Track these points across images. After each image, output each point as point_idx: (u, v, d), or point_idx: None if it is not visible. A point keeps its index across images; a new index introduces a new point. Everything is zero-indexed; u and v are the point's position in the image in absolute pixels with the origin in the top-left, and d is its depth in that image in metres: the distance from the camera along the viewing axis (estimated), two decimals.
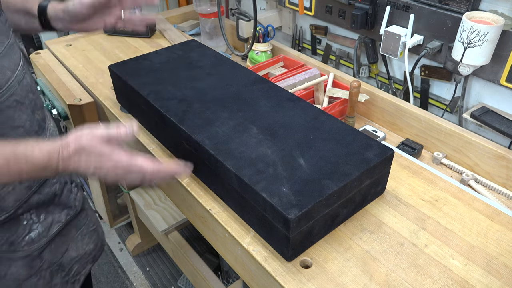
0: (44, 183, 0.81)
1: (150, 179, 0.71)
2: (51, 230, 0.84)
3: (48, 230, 0.84)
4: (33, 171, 0.63)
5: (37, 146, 0.63)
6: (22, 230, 0.79)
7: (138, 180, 0.71)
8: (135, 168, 0.68)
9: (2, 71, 0.69)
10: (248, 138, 0.81)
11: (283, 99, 0.93)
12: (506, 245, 0.75)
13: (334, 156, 0.76)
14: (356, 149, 0.78)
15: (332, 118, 0.86)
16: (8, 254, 0.78)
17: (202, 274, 1.43)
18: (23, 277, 0.81)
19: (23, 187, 0.76)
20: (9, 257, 0.78)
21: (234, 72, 1.04)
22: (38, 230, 0.82)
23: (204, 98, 0.93)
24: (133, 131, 0.71)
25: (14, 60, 0.73)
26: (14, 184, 0.75)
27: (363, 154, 0.77)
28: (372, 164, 0.75)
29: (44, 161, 0.63)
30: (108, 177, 0.68)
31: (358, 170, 0.73)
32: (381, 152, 0.77)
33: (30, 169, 0.63)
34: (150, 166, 0.69)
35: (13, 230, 0.78)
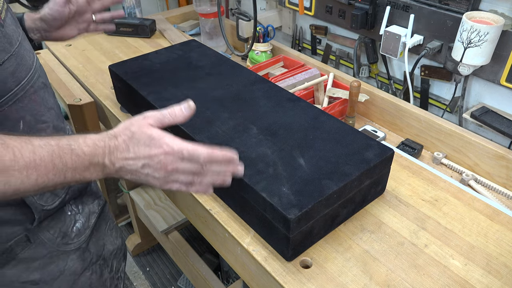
0: None
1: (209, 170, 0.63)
2: (90, 221, 0.86)
3: (88, 221, 0.86)
4: (78, 166, 0.57)
5: (82, 138, 0.59)
6: (69, 220, 0.82)
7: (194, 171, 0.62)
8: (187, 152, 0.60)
9: (27, 53, 0.71)
10: (248, 138, 0.81)
11: (283, 99, 0.93)
12: (506, 245, 0.75)
13: (334, 156, 0.76)
14: (356, 149, 0.78)
15: (332, 118, 0.86)
16: (63, 247, 0.80)
17: (202, 274, 1.43)
18: (79, 271, 0.83)
19: None
20: (64, 250, 0.80)
21: (234, 72, 1.04)
22: (82, 221, 0.84)
23: (204, 98, 0.93)
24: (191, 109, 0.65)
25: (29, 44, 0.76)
26: None
27: (363, 154, 0.77)
28: (372, 164, 0.75)
29: (90, 153, 0.58)
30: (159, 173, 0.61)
31: (358, 170, 0.73)
32: (381, 152, 0.77)
33: (76, 163, 0.57)
34: (205, 150, 0.61)
35: (63, 220, 0.80)
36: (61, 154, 0.56)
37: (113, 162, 0.59)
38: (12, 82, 0.67)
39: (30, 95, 0.71)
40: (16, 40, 0.69)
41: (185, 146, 0.60)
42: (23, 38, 0.73)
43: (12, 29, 0.69)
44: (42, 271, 0.78)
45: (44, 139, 0.57)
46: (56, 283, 0.80)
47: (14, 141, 0.54)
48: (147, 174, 0.61)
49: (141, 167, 0.60)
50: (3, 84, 0.65)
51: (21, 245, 0.74)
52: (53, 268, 0.79)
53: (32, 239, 0.76)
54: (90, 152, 0.58)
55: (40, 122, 0.74)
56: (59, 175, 0.56)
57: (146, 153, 0.60)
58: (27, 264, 0.76)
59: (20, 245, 0.74)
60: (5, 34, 0.67)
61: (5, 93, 0.66)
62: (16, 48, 0.69)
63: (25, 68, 0.71)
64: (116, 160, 0.60)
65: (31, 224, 0.74)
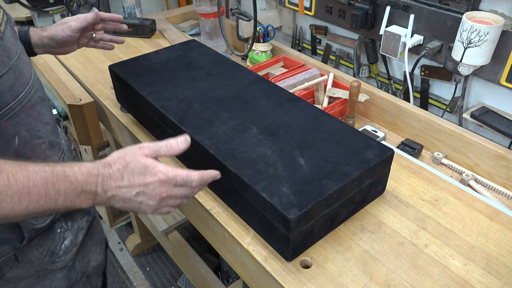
0: None
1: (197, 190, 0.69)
2: (78, 237, 0.85)
3: (76, 237, 0.85)
4: (71, 193, 0.58)
5: (77, 165, 0.60)
6: (58, 238, 0.81)
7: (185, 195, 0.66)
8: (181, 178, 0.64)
9: (25, 66, 0.71)
10: (248, 138, 0.81)
11: (283, 99, 0.93)
12: (506, 245, 0.75)
13: (334, 156, 0.76)
14: (356, 149, 0.78)
15: (332, 118, 0.86)
16: (50, 265, 0.79)
17: (202, 274, 1.43)
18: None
19: None
20: (51, 269, 0.79)
21: (234, 72, 1.04)
22: (70, 238, 0.83)
23: (204, 98, 0.93)
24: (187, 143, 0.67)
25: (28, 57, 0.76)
26: None
27: (363, 154, 0.77)
28: (372, 164, 0.75)
29: (84, 181, 0.59)
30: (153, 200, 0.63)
31: (358, 170, 0.73)
32: (381, 152, 0.77)
33: (68, 190, 0.58)
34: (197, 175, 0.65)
35: (52, 238, 0.79)
36: (55, 180, 0.57)
37: (105, 190, 0.61)
38: (9, 96, 0.66)
39: (27, 109, 0.70)
40: (15, 54, 0.68)
41: (179, 173, 0.64)
42: (22, 51, 0.72)
43: (11, 41, 0.69)
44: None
45: (39, 164, 0.57)
46: None
47: (9, 166, 0.54)
48: (140, 202, 0.63)
49: (135, 195, 0.62)
50: (0, 99, 0.64)
51: (9, 264, 0.73)
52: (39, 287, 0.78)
53: (20, 259, 0.74)
54: (83, 179, 0.59)
55: (36, 138, 0.73)
56: (50, 202, 0.57)
57: (141, 181, 0.62)
58: (14, 284, 0.75)
59: (8, 265, 0.73)
60: (4, 47, 0.65)
61: (2, 108, 0.65)
62: (15, 62, 0.68)
63: (23, 82, 0.69)
64: (109, 188, 0.61)
65: (20, 243, 0.73)
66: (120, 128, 1.17)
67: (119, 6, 1.88)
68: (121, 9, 1.74)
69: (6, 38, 0.67)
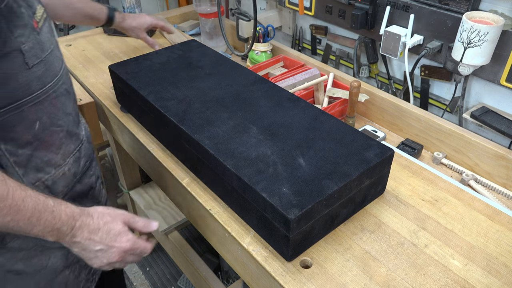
0: (84, 173, 0.88)
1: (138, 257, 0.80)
2: None
3: None
4: (48, 226, 0.65)
5: (64, 205, 0.68)
6: None
7: (131, 261, 0.79)
8: (140, 250, 0.77)
9: (56, 60, 0.78)
10: (248, 138, 0.81)
11: (283, 99, 0.93)
12: (506, 245, 0.75)
13: (334, 156, 0.76)
14: (356, 149, 0.78)
15: (332, 118, 0.86)
16: (48, 243, 0.82)
17: (202, 274, 1.43)
18: (60, 268, 0.86)
19: (70, 174, 0.83)
20: (49, 246, 0.83)
21: (234, 72, 1.04)
22: None
23: (204, 98, 0.93)
24: (156, 228, 0.82)
25: (60, 52, 0.83)
26: (64, 169, 0.81)
27: (363, 154, 0.77)
28: (372, 164, 0.75)
29: (64, 221, 0.67)
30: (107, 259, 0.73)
31: (358, 170, 0.73)
32: (381, 152, 0.77)
33: (48, 223, 0.65)
34: (143, 244, 0.78)
35: None
36: (42, 210, 0.64)
37: (75, 235, 0.69)
38: (37, 85, 0.72)
39: (52, 99, 0.76)
40: (48, 48, 0.75)
41: (138, 245, 0.77)
42: (56, 46, 0.80)
43: (47, 37, 0.76)
44: (26, 262, 0.81)
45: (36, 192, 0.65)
46: (37, 277, 0.83)
47: (12, 182, 0.62)
48: (96, 257, 0.72)
49: (97, 250, 0.71)
50: (28, 87, 0.70)
51: (10, 234, 0.77)
52: (36, 261, 0.82)
53: None
54: (65, 220, 0.67)
55: (55, 126, 0.78)
56: (27, 227, 0.63)
57: (109, 242, 0.72)
58: (14, 253, 0.79)
59: (10, 234, 0.77)
60: (39, 41, 0.72)
61: (28, 95, 0.70)
62: (47, 55, 0.74)
63: (52, 74, 0.76)
64: (80, 236, 0.69)
65: None
66: (120, 128, 1.17)
67: (119, 6, 1.88)
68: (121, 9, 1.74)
69: (43, 33, 0.74)
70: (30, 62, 0.70)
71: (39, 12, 0.74)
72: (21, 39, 0.68)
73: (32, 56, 0.70)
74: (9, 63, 0.67)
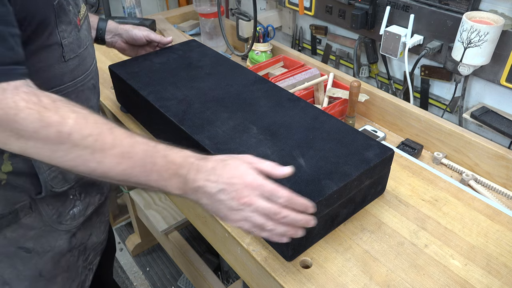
0: None
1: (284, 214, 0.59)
2: (87, 211, 0.90)
3: (85, 210, 0.90)
4: (164, 172, 0.59)
5: (177, 149, 0.62)
6: (69, 203, 0.86)
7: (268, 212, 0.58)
8: (269, 188, 0.58)
9: (89, 56, 0.82)
10: (248, 138, 0.81)
11: (283, 99, 0.93)
12: (506, 245, 0.75)
13: (334, 156, 0.76)
14: (356, 149, 0.78)
15: (332, 118, 0.86)
16: (56, 225, 0.84)
17: (202, 274, 1.43)
18: (65, 251, 0.87)
19: None
20: (56, 229, 0.84)
21: (234, 72, 1.04)
22: (79, 207, 0.88)
23: (204, 98, 0.93)
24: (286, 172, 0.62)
25: (93, 49, 0.87)
26: None
27: (363, 154, 0.77)
28: (372, 164, 0.75)
29: (180, 163, 0.60)
30: (234, 201, 0.58)
31: (358, 170, 0.73)
32: (381, 152, 0.77)
33: (163, 168, 0.59)
34: (286, 192, 0.59)
35: (63, 201, 0.84)
36: (154, 155, 0.59)
37: (195, 179, 0.59)
38: (68, 78, 0.75)
39: (78, 92, 0.79)
40: (84, 44, 0.79)
41: (268, 183, 0.59)
42: (90, 43, 0.84)
43: (85, 34, 0.80)
44: (35, 241, 0.82)
45: (145, 139, 0.61)
46: (45, 257, 0.85)
47: (119, 130, 0.59)
48: (221, 201, 0.59)
49: (218, 191, 0.59)
50: (61, 78, 0.74)
51: (24, 210, 0.79)
52: (44, 241, 0.84)
53: (33, 208, 0.80)
54: (179, 162, 0.60)
55: None
56: (143, 174, 0.59)
57: (227, 179, 0.59)
58: (25, 230, 0.81)
59: (23, 211, 0.79)
60: (78, 37, 0.76)
61: (58, 85, 0.74)
62: (82, 51, 0.78)
63: (83, 68, 0.79)
64: (198, 179, 0.59)
65: (36, 195, 0.79)
66: None
67: (119, 6, 1.88)
68: (121, 9, 1.74)
69: (82, 30, 0.78)
70: (67, 56, 0.73)
71: (83, 10, 0.79)
72: (64, 34, 0.72)
73: (69, 50, 0.74)
74: (49, 54, 0.70)
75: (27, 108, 0.54)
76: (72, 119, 0.56)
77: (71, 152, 0.56)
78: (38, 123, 0.54)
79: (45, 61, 0.70)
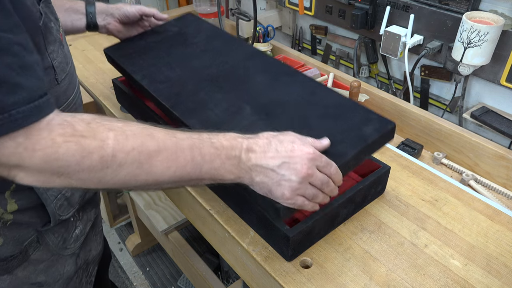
0: None
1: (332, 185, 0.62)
2: (86, 228, 0.89)
3: (85, 227, 0.88)
4: (215, 159, 0.57)
5: (222, 134, 0.60)
6: (71, 226, 0.84)
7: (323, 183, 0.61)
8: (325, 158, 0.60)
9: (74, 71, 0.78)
10: (241, 120, 0.76)
11: (280, 73, 0.87)
12: (506, 245, 0.75)
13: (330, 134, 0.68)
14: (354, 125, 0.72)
15: (331, 92, 0.80)
16: (62, 251, 0.82)
17: (202, 274, 1.43)
18: (72, 275, 0.86)
19: None
20: (63, 254, 0.82)
21: (230, 47, 0.98)
22: (80, 227, 0.86)
23: (198, 78, 0.88)
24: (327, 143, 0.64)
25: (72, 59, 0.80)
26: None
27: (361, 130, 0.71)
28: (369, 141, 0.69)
29: (229, 146, 0.58)
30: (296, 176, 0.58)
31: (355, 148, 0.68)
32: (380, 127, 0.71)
33: (213, 156, 0.57)
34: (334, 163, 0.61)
35: (66, 226, 0.82)
36: (201, 146, 0.57)
37: (249, 157, 0.58)
38: (62, 100, 0.70)
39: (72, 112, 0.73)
40: (70, 60, 0.74)
41: (322, 154, 0.60)
42: (71, 55, 0.78)
43: (67, 48, 0.74)
44: (46, 273, 0.80)
45: (187, 133, 0.58)
46: (56, 286, 0.83)
47: (159, 132, 0.56)
48: (282, 176, 0.58)
49: (279, 166, 0.57)
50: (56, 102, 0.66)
51: (32, 246, 0.76)
52: (54, 271, 0.82)
53: (40, 241, 0.78)
54: (228, 145, 0.58)
55: None
56: (195, 168, 0.57)
57: (288, 151, 0.58)
58: (35, 266, 0.78)
59: (32, 246, 0.76)
60: (65, 54, 0.71)
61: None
62: (70, 67, 0.73)
63: (73, 86, 0.75)
64: (253, 156, 0.58)
65: (42, 227, 0.77)
66: None
67: None
68: None
69: (65, 45, 0.72)
70: (59, 78, 0.69)
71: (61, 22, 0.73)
72: (53, 55, 0.67)
73: (60, 71, 0.69)
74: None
75: (64, 142, 0.50)
76: (111, 139, 0.52)
77: (118, 172, 0.53)
78: (79, 154, 0.50)
79: None
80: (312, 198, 0.61)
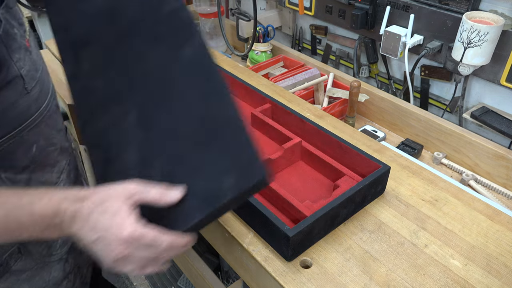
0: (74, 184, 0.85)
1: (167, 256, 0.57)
2: None
3: None
4: (35, 228, 0.55)
5: (48, 197, 0.55)
6: None
7: (150, 258, 0.55)
8: (148, 240, 0.53)
9: (46, 77, 0.74)
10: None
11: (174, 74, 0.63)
12: (506, 245, 0.75)
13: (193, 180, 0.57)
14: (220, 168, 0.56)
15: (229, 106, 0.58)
16: (47, 258, 0.80)
17: (202, 274, 1.43)
18: (60, 281, 0.84)
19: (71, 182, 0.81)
20: (49, 261, 0.80)
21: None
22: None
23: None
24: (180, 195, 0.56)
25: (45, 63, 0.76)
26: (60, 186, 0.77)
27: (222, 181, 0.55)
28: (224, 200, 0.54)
29: (52, 214, 0.54)
30: (112, 252, 0.53)
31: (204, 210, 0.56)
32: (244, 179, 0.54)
33: (34, 223, 0.54)
34: (168, 238, 0.55)
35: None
36: (18, 214, 0.54)
37: (70, 225, 0.55)
38: (34, 109, 0.68)
39: (46, 119, 0.72)
40: (40, 65, 0.70)
41: (148, 233, 0.53)
42: (43, 60, 0.74)
43: (36, 53, 0.71)
44: (29, 282, 0.78)
45: (4, 195, 0.55)
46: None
47: None
48: (96, 251, 0.54)
49: (94, 241, 0.53)
50: (27, 112, 0.66)
51: (14, 257, 0.74)
52: (38, 279, 0.80)
53: (22, 251, 0.76)
54: (51, 213, 0.54)
55: (51, 145, 0.75)
56: (12, 235, 0.55)
57: (105, 226, 0.53)
58: (17, 276, 0.76)
59: (13, 257, 0.74)
60: (33, 61, 0.67)
61: (27, 119, 0.67)
62: (40, 74, 0.70)
63: (45, 93, 0.72)
64: (74, 226, 0.55)
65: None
66: None
67: None
68: None
69: (33, 51, 0.69)
70: (29, 86, 0.66)
71: (27, 27, 0.68)
72: (20, 63, 0.64)
73: (30, 79, 0.66)
74: (12, 91, 0.62)
75: None
76: None
77: None
78: None
79: (9, 99, 0.62)
80: (144, 267, 0.56)
